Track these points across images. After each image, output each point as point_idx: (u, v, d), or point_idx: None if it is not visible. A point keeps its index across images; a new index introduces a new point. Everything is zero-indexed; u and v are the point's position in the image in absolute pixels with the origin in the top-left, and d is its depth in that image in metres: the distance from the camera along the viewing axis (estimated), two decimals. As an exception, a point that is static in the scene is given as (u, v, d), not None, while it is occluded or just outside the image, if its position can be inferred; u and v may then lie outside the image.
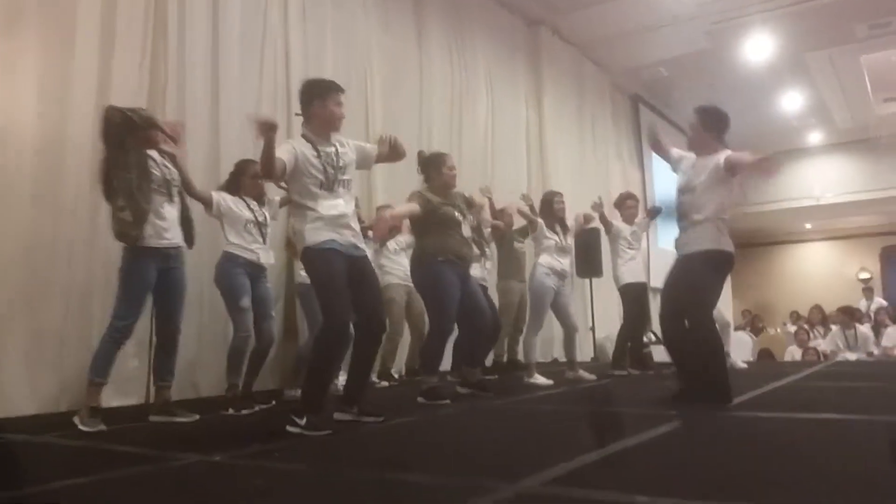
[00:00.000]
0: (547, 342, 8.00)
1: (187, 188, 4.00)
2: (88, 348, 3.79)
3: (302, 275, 4.64)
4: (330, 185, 3.28)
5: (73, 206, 4.19)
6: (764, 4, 8.94)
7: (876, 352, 8.70)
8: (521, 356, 6.09)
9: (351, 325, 3.31)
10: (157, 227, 3.63)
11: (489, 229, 5.84)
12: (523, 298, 6.14)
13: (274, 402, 4.40)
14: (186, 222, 3.90)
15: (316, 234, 3.21)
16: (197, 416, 3.73)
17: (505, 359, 6.50)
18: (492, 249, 6.14)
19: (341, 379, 4.10)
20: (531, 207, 5.82)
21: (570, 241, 5.67)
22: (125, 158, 3.54)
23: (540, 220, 5.53)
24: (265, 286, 4.35)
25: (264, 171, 3.17)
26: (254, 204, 4.34)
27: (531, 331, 5.46)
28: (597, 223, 6.09)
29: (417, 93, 7.19)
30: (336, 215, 3.25)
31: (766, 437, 2.92)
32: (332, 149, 3.34)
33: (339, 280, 3.20)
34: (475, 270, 5.63)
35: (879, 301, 11.85)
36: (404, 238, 5.60)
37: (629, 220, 6.15)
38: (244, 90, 5.39)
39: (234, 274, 4.15)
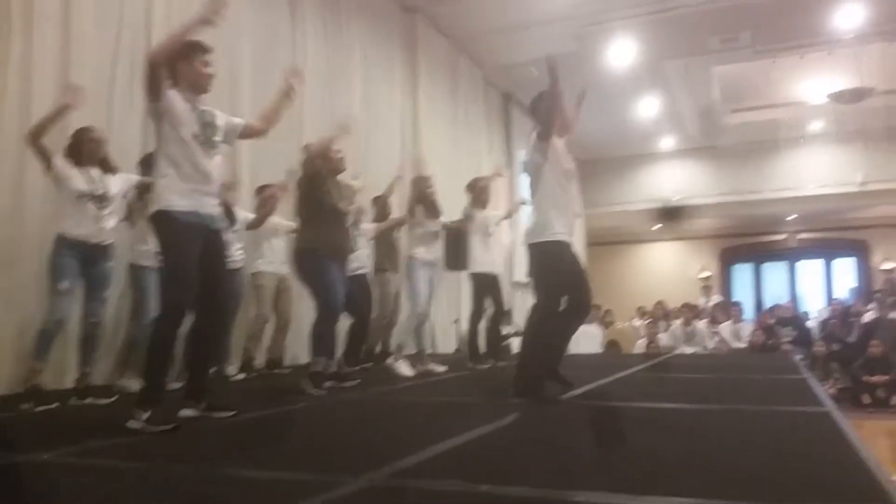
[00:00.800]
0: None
1: (32, 135, 3.76)
2: None
3: (135, 251, 4.44)
4: (201, 142, 3.10)
5: None
6: (629, 10, 9.36)
7: (711, 346, 9.47)
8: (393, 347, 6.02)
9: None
10: None
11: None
12: (399, 289, 6.15)
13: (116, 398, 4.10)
14: None
15: (175, 198, 3.01)
16: None
17: (378, 350, 6.43)
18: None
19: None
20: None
21: (439, 226, 5.65)
22: None
23: (419, 207, 5.49)
24: (104, 265, 4.04)
25: (167, 50, 3.00)
26: (96, 174, 4.01)
27: (410, 321, 5.45)
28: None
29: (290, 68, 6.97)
30: (203, 177, 3.08)
31: (605, 425, 3.11)
32: (206, 109, 3.20)
33: (190, 253, 3.01)
34: (359, 260, 5.58)
35: (716, 298, 12.86)
36: (284, 224, 5.46)
37: (483, 206, 6.05)
38: (99, 49, 5.02)
39: (60, 256, 3.84)
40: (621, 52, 10.43)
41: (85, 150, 4.00)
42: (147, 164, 4.46)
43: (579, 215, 3.93)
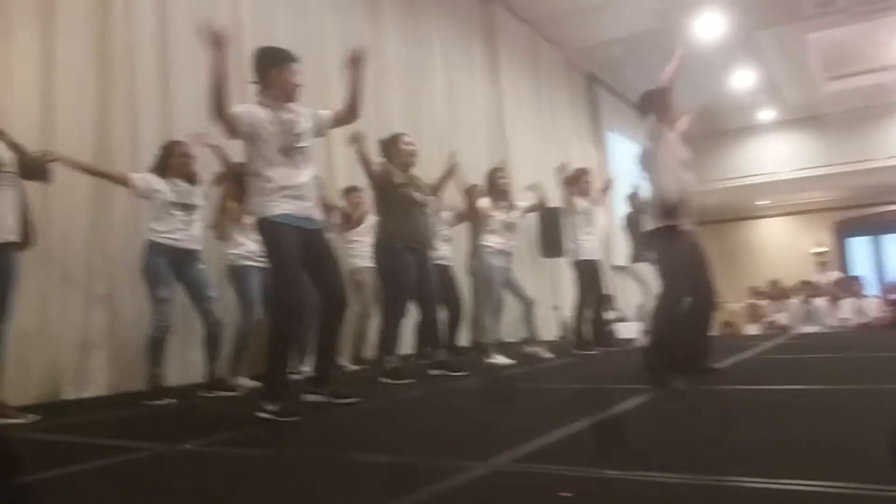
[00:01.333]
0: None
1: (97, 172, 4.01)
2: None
3: (230, 256, 4.55)
4: (287, 152, 3.17)
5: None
6: (715, -20, 8.97)
7: (832, 323, 8.87)
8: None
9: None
10: None
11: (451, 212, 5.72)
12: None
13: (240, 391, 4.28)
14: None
15: (270, 206, 3.11)
16: (36, 417, 3.40)
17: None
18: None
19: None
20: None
21: (515, 217, 5.55)
22: None
23: (486, 198, 5.43)
24: (196, 268, 4.20)
25: (215, 110, 3.05)
26: (183, 185, 4.17)
27: (486, 311, 5.37)
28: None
29: (373, 71, 7.01)
30: (293, 185, 3.16)
31: (734, 409, 2.90)
32: (290, 116, 3.25)
33: (293, 256, 3.11)
34: (441, 250, 5.56)
35: (834, 274, 12.09)
36: (370, 219, 5.48)
37: (583, 193, 6.02)
38: (195, 67, 5.18)
39: (155, 263, 4.00)
40: (709, 25, 9.98)
41: (171, 163, 4.15)
42: (234, 169, 4.61)
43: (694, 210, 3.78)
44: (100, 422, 3.46)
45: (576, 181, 6.03)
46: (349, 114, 3.51)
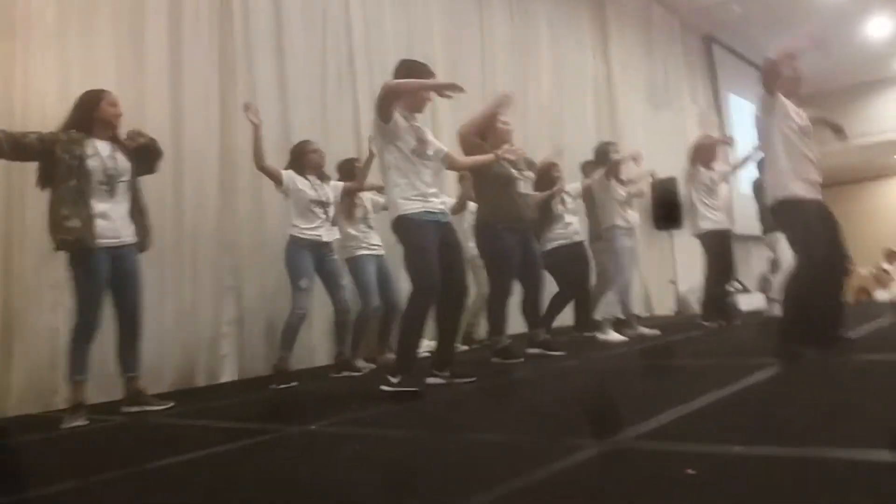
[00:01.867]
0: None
1: (257, 161, 4.20)
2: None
3: (346, 248, 4.78)
4: (421, 153, 3.44)
5: (159, 194, 4.30)
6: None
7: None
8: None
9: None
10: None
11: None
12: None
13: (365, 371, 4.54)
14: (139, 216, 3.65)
15: (410, 203, 3.38)
16: (171, 404, 3.62)
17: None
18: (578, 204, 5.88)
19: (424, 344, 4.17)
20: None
21: (628, 192, 5.47)
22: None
23: (602, 174, 5.34)
24: (331, 260, 4.50)
25: (410, 87, 3.40)
26: (317, 183, 4.46)
27: (613, 289, 5.30)
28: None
29: (479, 50, 7.07)
30: (427, 183, 3.43)
31: (870, 379, 2.77)
32: (421, 126, 3.54)
33: (431, 246, 3.35)
34: (571, 227, 5.50)
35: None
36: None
37: (707, 164, 5.81)
38: (309, 65, 5.46)
39: (297, 255, 4.31)
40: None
41: (306, 161, 4.45)
42: (344, 169, 4.89)
43: (818, 178, 3.60)
44: (230, 406, 3.68)
45: (703, 151, 5.84)
46: (455, 167, 3.99)
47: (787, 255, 5.78)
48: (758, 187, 6.00)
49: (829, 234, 3.57)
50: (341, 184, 4.71)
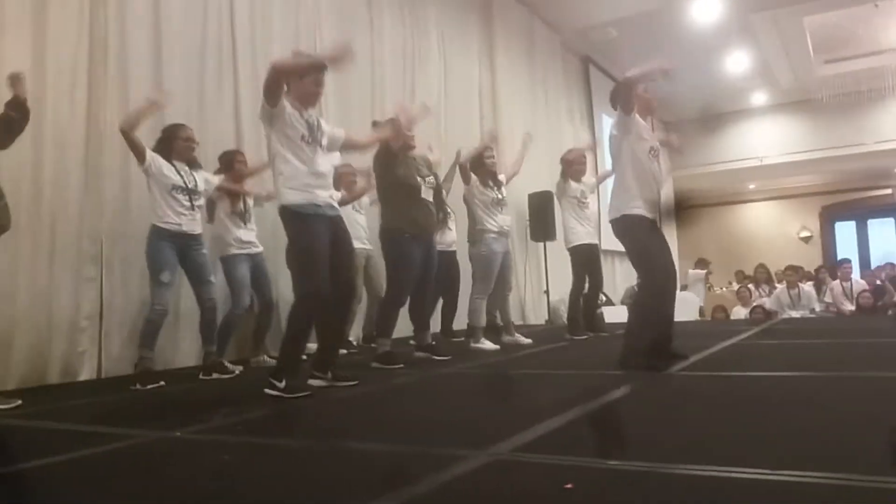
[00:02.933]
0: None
1: (126, 124, 3.91)
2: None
3: (220, 244, 4.63)
4: (312, 142, 3.32)
5: (16, 175, 3.94)
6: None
7: (818, 308, 9.00)
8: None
9: None
10: None
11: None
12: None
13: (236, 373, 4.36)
14: None
15: (297, 194, 3.25)
16: (18, 402, 3.31)
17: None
18: (457, 212, 5.97)
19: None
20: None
21: (504, 194, 5.47)
22: None
23: (473, 176, 5.35)
24: (199, 252, 4.26)
25: (282, 76, 3.21)
26: (185, 170, 4.20)
27: (479, 294, 5.33)
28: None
29: (368, 51, 6.99)
30: (317, 172, 3.31)
31: (724, 397, 2.97)
32: (312, 117, 3.41)
33: (320, 248, 3.25)
34: (448, 236, 5.56)
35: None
36: (365, 199, 5.48)
37: (577, 178, 5.93)
38: (187, 44, 5.17)
39: (158, 247, 4.05)
40: (705, 7, 10.01)
41: (175, 146, 4.18)
42: (224, 161, 4.71)
43: (659, 199, 3.86)
44: (84, 406, 3.43)
45: (571, 164, 5.95)
46: (359, 149, 3.97)
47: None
48: None
49: (663, 253, 3.80)
50: (216, 178, 4.50)
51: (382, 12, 7.24)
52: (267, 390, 3.14)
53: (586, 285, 5.89)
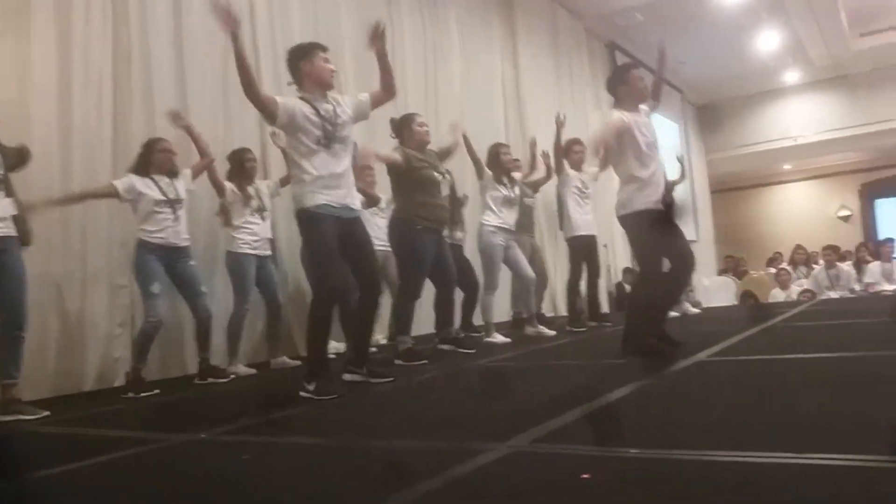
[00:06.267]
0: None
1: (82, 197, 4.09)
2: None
3: (232, 242, 4.63)
4: (328, 143, 3.29)
5: (46, 185, 4.05)
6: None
7: (858, 288, 8.78)
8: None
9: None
10: None
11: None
12: (536, 253, 6.15)
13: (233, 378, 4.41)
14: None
15: (311, 196, 3.24)
16: (46, 413, 3.37)
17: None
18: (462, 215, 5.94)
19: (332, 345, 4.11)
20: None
21: (518, 192, 5.45)
22: None
23: (488, 171, 5.35)
24: (187, 265, 4.28)
25: (246, 86, 3.15)
26: (164, 181, 4.22)
27: (487, 290, 5.32)
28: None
29: (389, 48, 6.97)
30: (332, 174, 3.28)
31: (751, 381, 2.92)
32: (330, 106, 3.35)
33: (331, 244, 3.25)
34: (457, 232, 5.57)
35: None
36: (382, 201, 5.50)
37: (576, 166, 5.90)
38: (210, 52, 5.23)
39: (145, 260, 4.09)
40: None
41: (154, 159, 4.22)
42: (235, 160, 4.72)
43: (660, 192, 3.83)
44: (117, 413, 3.50)
45: (566, 153, 5.90)
46: (386, 91, 3.61)
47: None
48: None
49: (669, 246, 3.75)
50: (188, 171, 4.43)
51: (401, 9, 7.24)
52: (301, 393, 3.18)
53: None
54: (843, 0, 10.78)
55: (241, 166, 4.72)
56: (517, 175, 5.60)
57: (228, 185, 4.64)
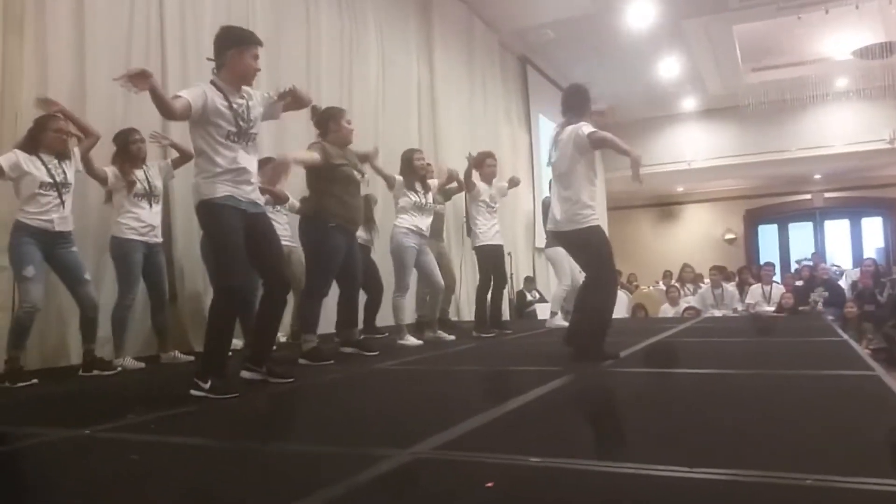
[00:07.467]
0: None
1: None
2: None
3: (116, 226, 4.40)
4: (237, 138, 3.19)
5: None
6: (646, -32, 9.13)
7: (740, 308, 9.33)
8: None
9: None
10: None
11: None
12: (443, 258, 6.19)
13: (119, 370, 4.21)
14: None
15: (214, 188, 3.13)
16: None
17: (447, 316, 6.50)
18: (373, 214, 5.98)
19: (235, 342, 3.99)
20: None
21: (431, 199, 5.48)
22: None
23: (399, 178, 5.35)
24: (69, 251, 4.04)
25: (165, 116, 3.13)
26: (53, 163, 3.98)
27: (398, 292, 5.32)
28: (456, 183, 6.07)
29: (304, 44, 6.86)
30: (238, 169, 3.18)
31: (649, 393, 3.03)
32: (243, 101, 3.25)
33: (235, 238, 3.15)
34: (361, 232, 5.53)
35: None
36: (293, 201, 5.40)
37: (487, 179, 6.00)
38: (112, 32, 4.95)
39: (21, 243, 3.84)
40: (639, 13, 10.23)
41: (45, 138, 3.97)
42: (120, 141, 4.46)
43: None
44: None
45: (479, 165, 5.98)
46: (297, 105, 3.62)
47: (566, 270, 6.32)
48: (546, 205, 6.38)
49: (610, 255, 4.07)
50: (77, 151, 4.18)
51: (319, 4, 7.12)
52: (192, 391, 3.02)
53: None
54: (739, 35, 11.45)
55: (126, 148, 4.44)
56: (433, 182, 5.59)
57: (110, 170, 4.38)
